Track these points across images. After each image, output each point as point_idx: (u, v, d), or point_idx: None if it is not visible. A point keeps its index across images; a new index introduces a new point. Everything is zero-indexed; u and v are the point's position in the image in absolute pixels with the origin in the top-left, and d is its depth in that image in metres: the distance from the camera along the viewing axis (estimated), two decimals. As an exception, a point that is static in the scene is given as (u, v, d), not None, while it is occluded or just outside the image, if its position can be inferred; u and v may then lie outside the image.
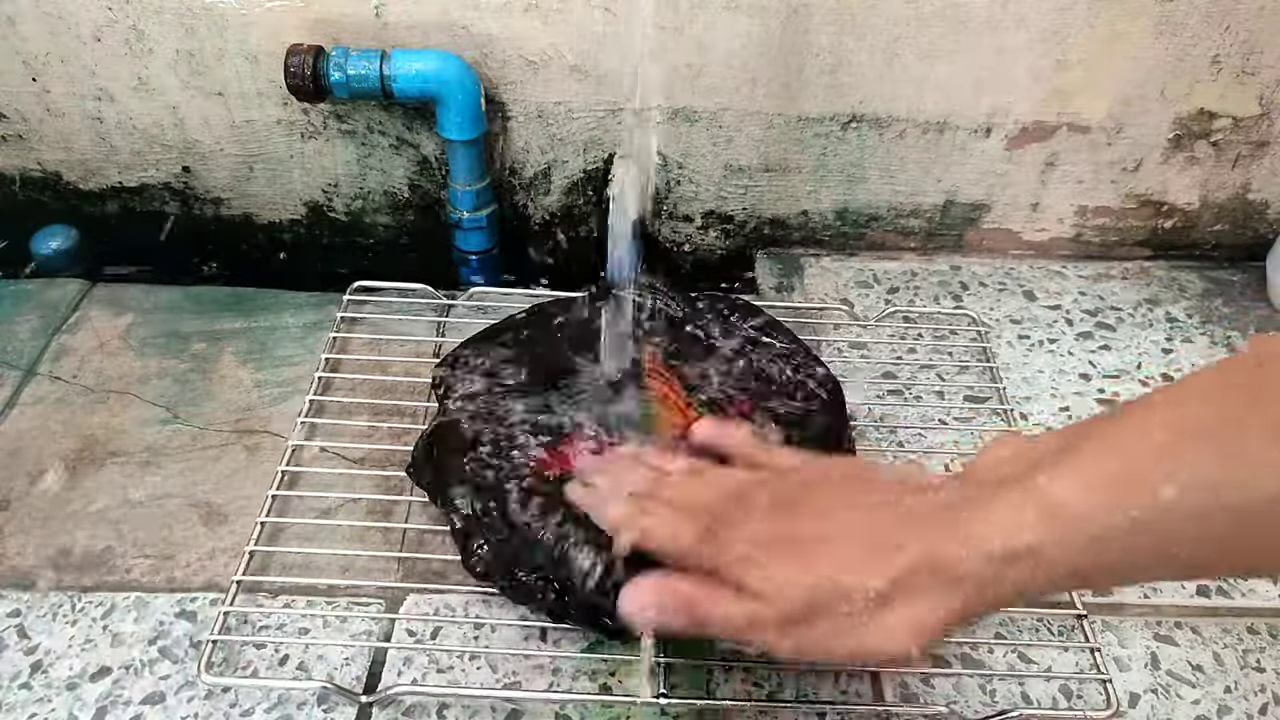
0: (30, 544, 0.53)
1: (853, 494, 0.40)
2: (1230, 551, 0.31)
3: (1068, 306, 0.75)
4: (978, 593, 0.34)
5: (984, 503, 0.35)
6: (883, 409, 0.63)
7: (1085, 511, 0.32)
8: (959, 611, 0.35)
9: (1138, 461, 0.32)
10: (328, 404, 0.62)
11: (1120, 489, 0.32)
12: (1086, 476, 0.33)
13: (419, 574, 0.52)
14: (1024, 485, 0.34)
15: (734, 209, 0.78)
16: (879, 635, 0.35)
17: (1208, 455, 0.31)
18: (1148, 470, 0.31)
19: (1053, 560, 0.33)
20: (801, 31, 0.67)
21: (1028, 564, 0.33)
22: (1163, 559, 0.32)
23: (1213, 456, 0.30)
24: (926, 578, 0.35)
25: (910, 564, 0.35)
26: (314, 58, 0.64)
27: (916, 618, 0.35)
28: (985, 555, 0.34)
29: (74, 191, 0.78)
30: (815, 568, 0.37)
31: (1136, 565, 0.32)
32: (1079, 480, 0.33)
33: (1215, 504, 0.30)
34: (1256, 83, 0.71)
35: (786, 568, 0.37)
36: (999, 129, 0.73)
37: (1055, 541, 0.32)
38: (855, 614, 0.36)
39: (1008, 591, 0.34)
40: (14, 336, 0.66)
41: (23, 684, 0.47)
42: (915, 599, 0.35)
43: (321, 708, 0.46)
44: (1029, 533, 0.33)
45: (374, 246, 0.82)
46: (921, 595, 0.35)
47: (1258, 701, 0.49)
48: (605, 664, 0.49)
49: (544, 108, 0.72)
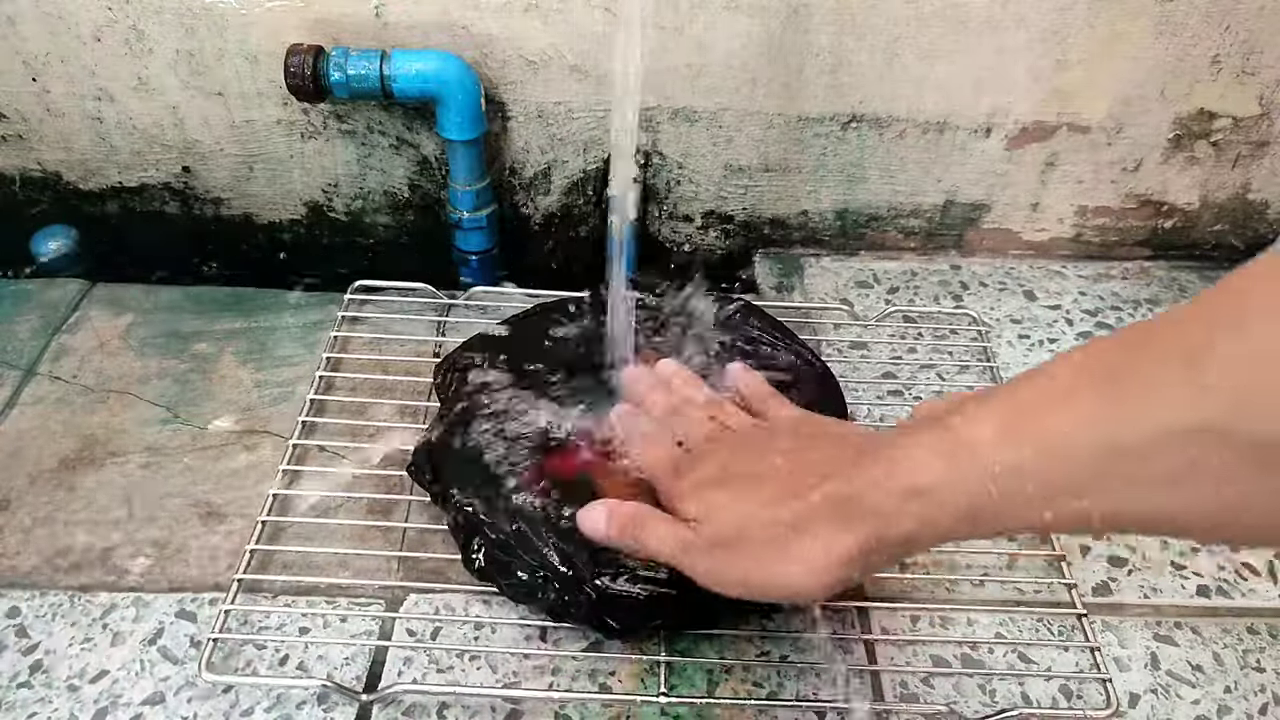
0: (30, 544, 0.53)
1: (805, 442, 0.43)
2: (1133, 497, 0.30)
3: (1068, 306, 0.75)
4: (879, 528, 0.36)
5: (899, 443, 0.36)
6: (883, 409, 0.63)
7: (986, 451, 0.33)
8: (858, 545, 0.36)
9: (1037, 402, 0.32)
10: (329, 403, 0.62)
11: (1016, 428, 0.32)
12: (990, 417, 0.33)
13: (419, 573, 0.52)
14: (937, 427, 0.35)
15: (734, 209, 0.78)
16: (784, 567, 0.37)
17: (1100, 392, 0.30)
18: (1043, 409, 0.32)
19: (951, 497, 0.33)
20: (801, 31, 0.67)
21: (928, 500, 0.34)
22: (1065, 502, 0.31)
23: (1105, 393, 0.30)
24: (832, 512, 0.37)
25: (820, 499, 0.37)
26: (314, 58, 0.64)
27: (817, 551, 0.37)
28: (887, 490, 0.35)
29: (74, 191, 0.78)
30: (738, 500, 0.40)
31: (1035, 509, 0.32)
32: (983, 421, 0.33)
33: (1108, 442, 0.30)
34: (1256, 83, 0.71)
35: (716, 499, 0.41)
36: (999, 129, 0.73)
37: (955, 479, 0.33)
38: (768, 545, 0.38)
39: (909, 528, 0.35)
40: (14, 336, 0.66)
41: (22, 684, 0.47)
42: (819, 533, 0.37)
43: (321, 707, 0.46)
44: (931, 469, 0.34)
45: (374, 246, 0.82)
46: (825, 529, 0.37)
47: (1258, 701, 0.49)
48: (605, 664, 0.49)
49: (544, 108, 0.72)
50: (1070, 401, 0.31)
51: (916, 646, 0.50)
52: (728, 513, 0.40)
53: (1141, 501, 0.30)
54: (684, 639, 0.49)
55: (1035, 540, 0.55)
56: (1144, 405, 0.29)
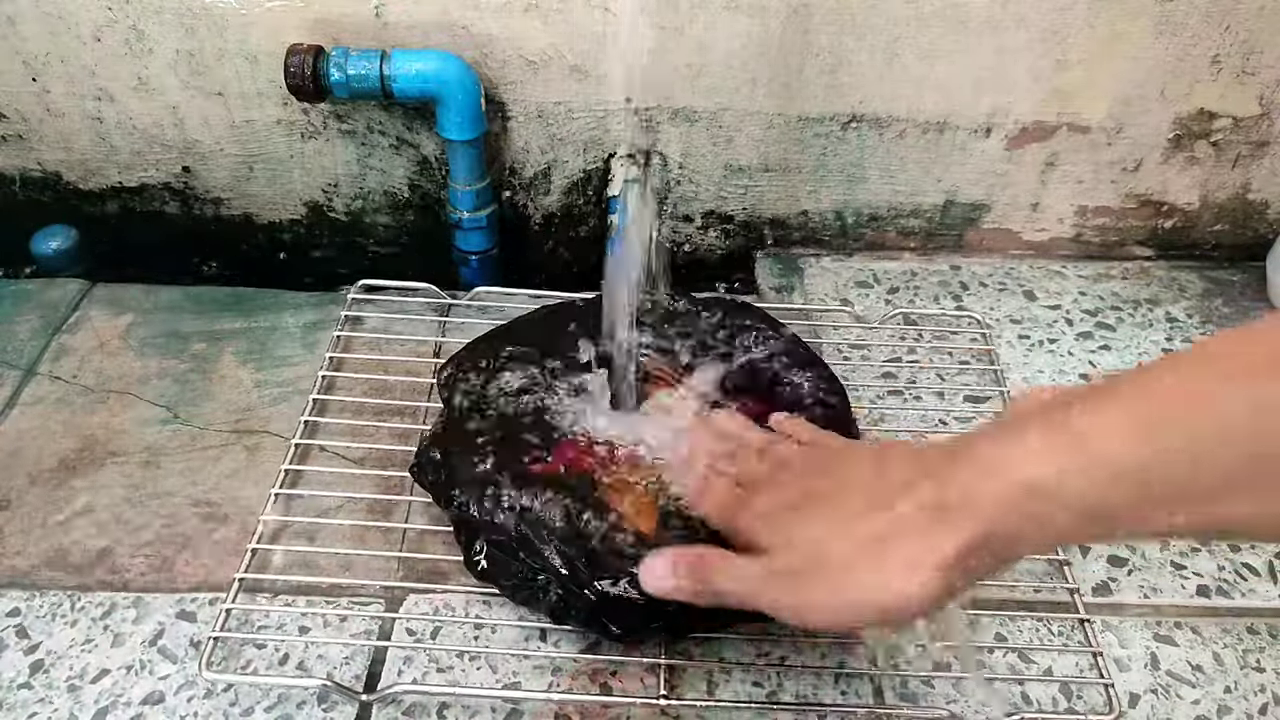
0: (30, 544, 0.53)
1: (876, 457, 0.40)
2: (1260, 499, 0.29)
3: (1068, 306, 0.75)
4: (984, 528, 0.32)
5: (1001, 439, 0.33)
6: (883, 409, 0.63)
7: (1115, 445, 0.30)
8: (960, 548, 0.32)
9: (1176, 395, 0.30)
10: (330, 403, 0.62)
11: (1148, 427, 0.30)
12: (1119, 408, 0.31)
13: (419, 574, 0.52)
14: (1053, 418, 0.32)
15: (734, 209, 0.78)
16: (879, 581, 0.34)
17: (1237, 400, 0.29)
18: (1185, 404, 0.30)
19: (1075, 493, 0.31)
20: (801, 31, 0.67)
21: (1043, 496, 0.31)
22: (1199, 507, 0.30)
23: (1242, 401, 0.29)
24: (927, 517, 0.33)
25: (912, 506, 0.34)
26: (314, 58, 0.64)
27: (915, 558, 0.33)
28: (993, 487, 0.32)
29: (74, 191, 0.78)
30: (817, 520, 0.37)
31: (1163, 511, 0.30)
32: (1111, 412, 0.31)
33: (1244, 450, 0.28)
34: (1256, 83, 0.71)
35: (791, 523, 0.38)
36: (999, 129, 0.73)
37: (1076, 473, 0.31)
38: (856, 561, 0.34)
39: (1019, 526, 0.32)
40: (14, 336, 0.66)
41: (23, 684, 0.47)
42: (915, 540, 0.33)
43: (321, 706, 0.46)
44: (1046, 462, 0.31)
45: (374, 246, 0.82)
46: (921, 536, 0.33)
47: (1258, 701, 0.49)
48: (605, 664, 0.49)
49: (544, 108, 0.72)
50: (1213, 389, 0.29)
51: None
52: (807, 535, 0.37)
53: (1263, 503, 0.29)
54: (684, 640, 0.49)
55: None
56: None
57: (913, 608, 0.33)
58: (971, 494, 0.32)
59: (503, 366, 0.56)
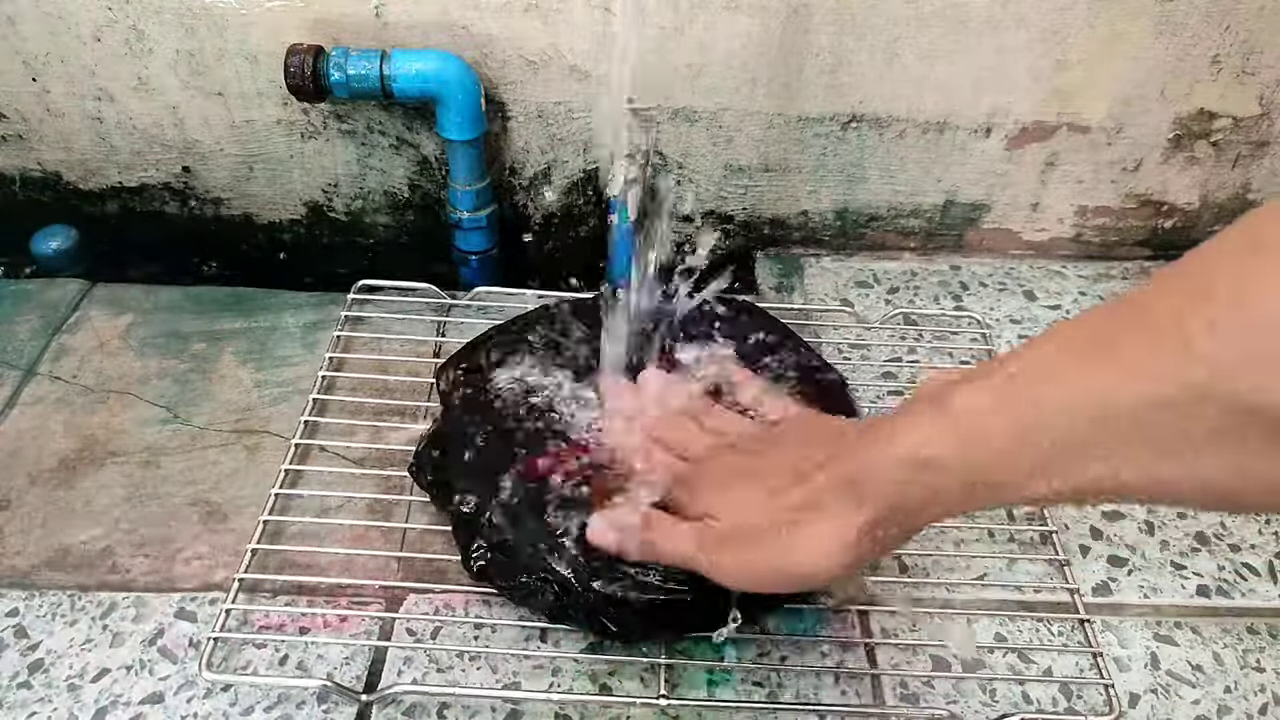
0: (30, 544, 0.53)
1: (803, 432, 0.44)
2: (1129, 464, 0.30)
3: (1068, 306, 0.75)
4: (889, 501, 0.36)
5: (900, 420, 0.37)
6: (883, 409, 0.63)
7: (985, 420, 0.33)
8: (870, 519, 0.36)
9: (1031, 371, 0.33)
10: (330, 403, 0.62)
11: (1012, 396, 0.33)
12: (986, 388, 0.34)
13: (419, 574, 0.52)
14: (940, 399, 0.35)
15: (734, 209, 0.78)
16: (798, 552, 0.38)
17: (1089, 358, 0.31)
18: (1037, 378, 0.32)
19: (960, 467, 0.34)
20: (801, 31, 0.67)
21: (935, 470, 0.34)
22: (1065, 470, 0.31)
23: (1094, 359, 0.31)
24: (840, 490, 0.37)
25: (825, 479, 0.38)
26: (314, 58, 0.64)
27: (829, 532, 0.37)
28: (894, 463, 0.35)
29: (74, 191, 0.78)
30: (747, 492, 0.41)
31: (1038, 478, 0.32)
32: (980, 392, 0.34)
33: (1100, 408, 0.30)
34: (1256, 83, 0.71)
35: (726, 494, 0.42)
36: (999, 129, 0.73)
37: (959, 448, 0.34)
38: (780, 530, 0.39)
39: (919, 498, 0.35)
40: (14, 336, 0.66)
41: (22, 684, 0.47)
42: (830, 511, 0.37)
43: (321, 707, 0.46)
44: (934, 440, 0.34)
45: (374, 246, 0.82)
46: (835, 508, 0.37)
47: (1258, 701, 0.49)
48: (605, 664, 0.49)
49: (544, 108, 0.72)
50: (1062, 369, 0.32)
51: (917, 648, 0.50)
52: (738, 504, 0.41)
53: (1138, 469, 0.30)
54: (684, 640, 0.49)
55: (1036, 543, 0.55)
56: (1133, 371, 0.29)
57: (834, 574, 0.38)
58: (878, 469, 0.36)
59: (501, 365, 0.56)
